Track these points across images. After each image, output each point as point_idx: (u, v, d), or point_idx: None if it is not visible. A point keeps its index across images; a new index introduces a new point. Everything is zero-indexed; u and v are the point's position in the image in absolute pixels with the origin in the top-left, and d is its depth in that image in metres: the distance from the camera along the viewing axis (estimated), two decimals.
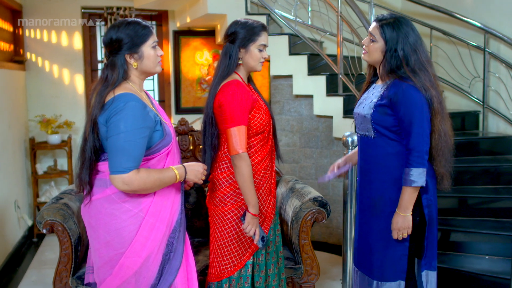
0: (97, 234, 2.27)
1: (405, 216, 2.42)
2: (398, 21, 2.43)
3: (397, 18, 2.45)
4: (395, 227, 2.45)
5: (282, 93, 5.04)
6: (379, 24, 2.46)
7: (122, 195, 2.22)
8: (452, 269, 3.38)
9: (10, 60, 5.42)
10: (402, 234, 2.45)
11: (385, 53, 2.44)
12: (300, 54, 4.79)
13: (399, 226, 2.43)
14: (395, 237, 2.46)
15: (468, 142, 4.33)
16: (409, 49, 2.38)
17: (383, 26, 2.44)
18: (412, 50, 2.39)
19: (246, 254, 2.58)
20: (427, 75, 2.39)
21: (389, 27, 2.42)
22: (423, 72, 2.38)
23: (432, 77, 2.41)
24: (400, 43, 2.39)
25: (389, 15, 2.49)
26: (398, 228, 2.44)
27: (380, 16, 2.50)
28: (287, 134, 5.07)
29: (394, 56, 2.40)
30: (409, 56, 2.39)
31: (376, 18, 2.51)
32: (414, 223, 2.48)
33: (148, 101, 2.33)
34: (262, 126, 2.56)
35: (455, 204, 3.89)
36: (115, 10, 6.12)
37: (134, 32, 2.23)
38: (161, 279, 2.31)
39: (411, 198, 2.41)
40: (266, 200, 2.63)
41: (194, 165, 2.36)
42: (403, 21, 2.44)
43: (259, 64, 2.58)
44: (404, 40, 2.39)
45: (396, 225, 2.44)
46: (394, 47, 2.40)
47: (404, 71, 2.39)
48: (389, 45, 2.41)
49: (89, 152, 2.22)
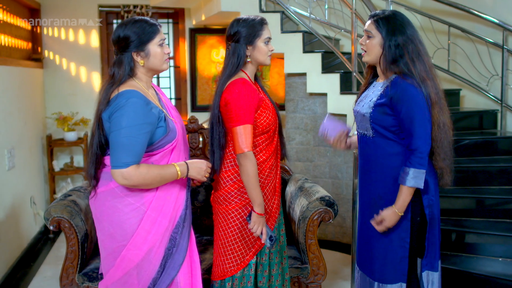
0: (102, 225, 2.33)
1: (399, 215, 2.40)
2: (393, 14, 2.44)
3: (391, 12, 2.46)
4: (386, 223, 2.41)
5: (296, 91, 5.00)
6: (373, 20, 2.46)
7: (125, 189, 2.26)
8: (464, 271, 3.30)
9: (28, 58, 5.49)
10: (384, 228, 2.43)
11: (383, 46, 2.42)
12: (314, 52, 4.75)
13: (391, 222, 2.40)
14: (380, 230, 2.44)
15: (485, 141, 4.23)
16: (407, 38, 2.38)
17: (378, 21, 2.43)
18: (409, 39, 2.38)
19: (250, 254, 2.56)
20: (423, 65, 2.38)
21: (383, 20, 2.42)
22: (420, 62, 2.37)
23: (428, 67, 2.39)
24: (397, 33, 2.38)
25: (383, 10, 2.48)
26: (386, 224, 2.41)
27: (373, 12, 2.50)
28: (301, 132, 5.03)
29: (394, 46, 2.38)
30: (407, 45, 2.37)
31: (370, 15, 2.50)
32: (415, 223, 2.45)
33: (156, 98, 2.36)
34: (268, 125, 2.54)
35: (469, 205, 3.81)
36: (132, 8, 6.17)
37: (141, 30, 2.25)
38: (163, 273, 2.34)
39: (408, 197, 2.39)
40: (271, 200, 2.61)
41: (197, 162, 2.37)
42: (397, 14, 2.45)
43: (267, 58, 2.57)
44: (401, 31, 2.38)
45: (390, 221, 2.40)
46: (392, 38, 2.38)
47: (406, 61, 2.37)
48: (386, 37, 2.40)
49: (95, 147, 2.28)
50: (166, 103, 2.42)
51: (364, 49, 2.51)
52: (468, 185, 3.95)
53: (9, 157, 4.24)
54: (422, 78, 2.35)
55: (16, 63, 4.67)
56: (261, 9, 4.86)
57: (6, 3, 4.66)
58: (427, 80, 2.36)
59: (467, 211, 3.78)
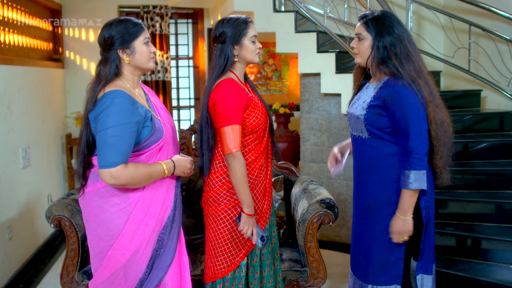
0: (89, 225, 2.35)
1: (405, 220, 2.35)
2: (382, 15, 2.40)
3: (381, 12, 2.42)
4: (395, 230, 2.37)
5: (310, 91, 4.95)
6: (363, 21, 2.43)
7: (111, 189, 2.27)
8: (471, 278, 3.20)
9: (49, 59, 5.59)
10: (402, 238, 2.37)
11: (373, 47, 2.38)
12: (328, 51, 4.68)
13: (399, 229, 2.36)
14: (396, 241, 2.39)
15: (504, 144, 4.09)
16: (395, 38, 2.34)
17: (367, 22, 2.41)
18: (398, 39, 2.34)
19: (240, 255, 2.54)
20: (413, 65, 2.34)
21: (373, 21, 2.39)
22: (410, 63, 2.34)
23: (419, 67, 2.35)
24: (386, 34, 2.35)
25: (372, 11, 2.45)
26: (398, 232, 2.37)
27: (362, 14, 2.47)
28: (315, 133, 4.97)
29: (382, 47, 2.35)
30: (395, 45, 2.33)
31: (359, 17, 2.47)
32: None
33: (143, 97, 2.36)
34: (257, 125, 2.51)
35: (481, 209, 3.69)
36: (151, 9, 6.21)
37: (125, 30, 2.28)
38: (150, 274, 2.33)
39: (411, 201, 2.34)
40: (261, 200, 2.58)
41: (182, 160, 2.40)
42: (387, 15, 2.41)
43: (255, 56, 2.55)
44: (390, 31, 2.35)
45: (397, 228, 2.37)
46: (381, 39, 2.35)
47: (394, 63, 2.33)
48: (376, 38, 2.36)
49: (83, 146, 2.31)
50: (155, 103, 2.41)
51: (356, 51, 2.48)
52: (482, 188, 3.83)
53: (24, 155, 4.32)
54: (413, 78, 2.31)
55: (33, 63, 4.75)
56: (275, 8, 4.82)
57: (25, 4, 4.76)
58: (418, 80, 2.31)
59: (479, 215, 3.66)
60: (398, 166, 2.38)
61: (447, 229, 3.57)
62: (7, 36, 4.28)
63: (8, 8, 4.34)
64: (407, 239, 2.37)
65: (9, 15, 4.34)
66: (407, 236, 2.36)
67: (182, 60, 6.76)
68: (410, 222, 2.35)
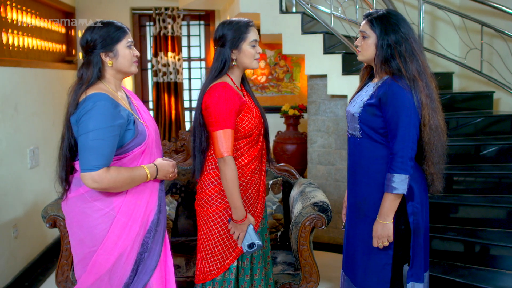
0: (72, 231, 2.33)
1: (384, 224, 2.31)
2: (388, 13, 2.37)
3: (386, 11, 2.38)
4: (374, 234, 2.35)
5: (318, 93, 4.91)
6: (368, 19, 2.39)
7: (94, 194, 2.25)
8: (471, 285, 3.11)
9: (61, 60, 5.67)
10: (382, 243, 2.33)
11: (377, 46, 2.35)
12: (335, 53, 4.63)
13: (378, 234, 2.33)
14: (375, 245, 2.36)
15: None
16: (400, 37, 2.30)
17: (372, 20, 2.37)
18: (404, 38, 2.30)
19: (230, 258, 2.52)
20: (417, 64, 2.30)
21: (378, 20, 2.35)
22: (414, 61, 2.30)
23: (423, 67, 2.31)
24: (390, 32, 2.31)
25: (377, 10, 2.41)
26: (377, 236, 2.34)
27: (367, 12, 2.43)
28: (322, 135, 4.92)
29: (386, 45, 2.32)
30: (401, 43, 2.30)
31: (364, 15, 2.44)
32: (399, 232, 2.36)
33: (126, 100, 2.35)
34: (251, 130, 2.49)
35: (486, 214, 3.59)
36: (163, 11, 6.25)
37: (107, 33, 2.27)
38: (135, 278, 2.32)
39: (392, 205, 2.30)
40: (254, 203, 2.56)
41: (165, 164, 2.38)
42: (392, 13, 2.37)
43: (254, 61, 2.52)
44: (395, 29, 2.31)
45: (376, 233, 2.34)
46: (385, 37, 2.32)
47: (396, 62, 2.30)
48: (380, 37, 2.33)
49: (65, 150, 2.30)
50: (137, 107, 2.41)
51: (359, 49, 2.45)
52: (489, 193, 3.74)
53: (32, 156, 4.39)
54: (413, 78, 2.27)
55: (43, 65, 4.83)
56: (282, 9, 4.79)
57: (36, 7, 4.83)
58: (418, 81, 2.27)
59: (484, 220, 3.57)
60: (385, 170, 2.34)
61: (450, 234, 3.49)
62: (15, 38, 4.36)
63: (18, 11, 4.41)
64: (387, 244, 2.34)
65: (18, 18, 4.41)
66: (386, 241, 2.33)
67: (194, 61, 6.79)
68: (389, 227, 2.31)
